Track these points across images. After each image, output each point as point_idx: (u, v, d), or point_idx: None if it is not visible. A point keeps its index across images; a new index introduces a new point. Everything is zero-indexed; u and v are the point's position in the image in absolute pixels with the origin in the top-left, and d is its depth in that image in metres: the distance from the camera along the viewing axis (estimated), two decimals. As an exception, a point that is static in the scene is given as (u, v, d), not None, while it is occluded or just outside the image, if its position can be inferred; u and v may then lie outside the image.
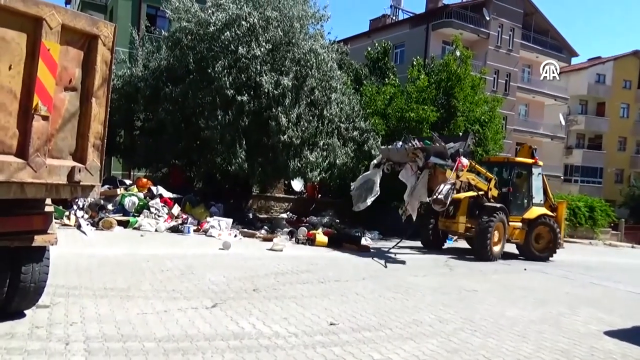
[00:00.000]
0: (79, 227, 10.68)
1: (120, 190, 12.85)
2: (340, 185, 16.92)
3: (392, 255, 11.51)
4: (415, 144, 12.00)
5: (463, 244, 15.15)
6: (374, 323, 5.48)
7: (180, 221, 12.39)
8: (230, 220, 12.77)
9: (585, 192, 35.95)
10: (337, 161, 14.60)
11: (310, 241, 12.24)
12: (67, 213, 11.07)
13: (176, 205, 12.98)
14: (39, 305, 4.74)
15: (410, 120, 16.60)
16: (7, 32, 3.63)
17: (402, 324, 5.57)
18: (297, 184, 18.56)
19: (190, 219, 12.55)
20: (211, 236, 11.59)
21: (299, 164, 14.03)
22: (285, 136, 13.32)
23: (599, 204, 29.66)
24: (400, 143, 12.69)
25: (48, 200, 4.53)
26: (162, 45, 15.74)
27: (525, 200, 13.90)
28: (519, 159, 14.32)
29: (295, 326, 5.07)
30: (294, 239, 12.48)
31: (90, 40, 4.17)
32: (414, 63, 21.08)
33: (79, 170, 4.11)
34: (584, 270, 12.61)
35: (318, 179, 14.73)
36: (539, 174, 14.30)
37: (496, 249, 12.44)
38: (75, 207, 11.43)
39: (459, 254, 13.15)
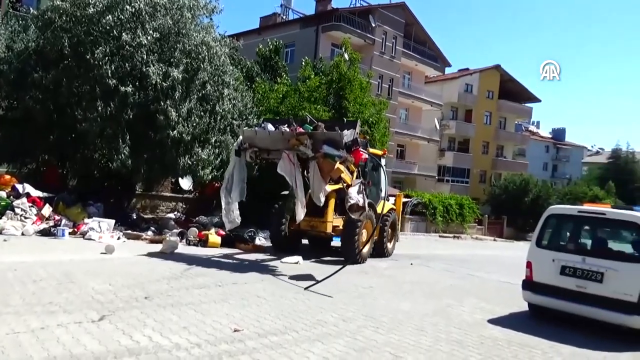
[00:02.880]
0: None
1: (-25, 189, 11.10)
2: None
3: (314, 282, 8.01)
4: (295, 127, 9.80)
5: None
6: (279, 326, 5.33)
7: (52, 223, 11.07)
8: (112, 222, 11.72)
9: (455, 191, 39.57)
10: (230, 159, 14.18)
11: (203, 242, 11.72)
12: None
13: (47, 205, 11.55)
14: None
15: (304, 119, 16.70)
16: None
17: (307, 325, 5.49)
18: (186, 183, 17.68)
19: (64, 220, 11.27)
20: (90, 239, 10.51)
21: (189, 161, 13.37)
22: (175, 132, 12.62)
23: (467, 201, 32.85)
24: (270, 125, 10.48)
25: None
26: (30, 24, 13.94)
27: (377, 194, 12.67)
28: (372, 150, 12.65)
29: (196, 335, 4.71)
30: (184, 240, 11.83)
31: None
32: (304, 63, 21.34)
33: None
34: (460, 263, 13.77)
35: (210, 177, 14.16)
36: (385, 165, 13.49)
37: (365, 249, 11.08)
38: None
39: (316, 254, 11.71)
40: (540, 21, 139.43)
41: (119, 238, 11.04)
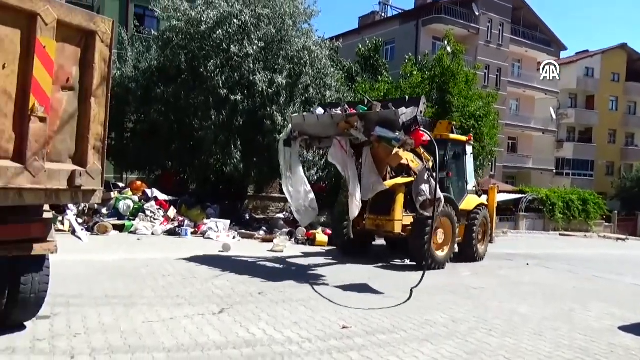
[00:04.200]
0: (73, 232, 10.40)
1: (114, 194, 12.56)
2: (337, 184, 16.78)
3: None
4: (346, 108, 8.51)
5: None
6: (387, 325, 5.32)
7: (176, 224, 12.15)
8: (228, 222, 12.56)
9: (577, 185, 36.23)
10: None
11: (310, 241, 12.06)
12: (60, 218, 10.76)
13: (172, 207, 12.72)
14: (39, 317, 4.50)
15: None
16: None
17: (415, 325, 5.41)
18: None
19: (186, 221, 12.30)
20: (209, 238, 11.36)
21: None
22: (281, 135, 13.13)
23: (591, 196, 29.91)
24: (320, 109, 9.18)
25: (46, 206, 4.32)
26: (152, 45, 15.48)
27: (461, 187, 11.13)
28: (453, 135, 11.20)
29: (307, 331, 4.89)
30: (293, 239, 12.30)
31: (87, 37, 3.95)
32: (406, 59, 21.02)
33: (80, 174, 3.90)
34: (584, 264, 12.57)
35: (315, 177, 14.54)
36: (472, 154, 11.76)
37: (441, 253, 9.54)
38: (69, 211, 11.12)
39: (386, 258, 10.36)
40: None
41: (234, 237, 11.79)
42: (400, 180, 9.93)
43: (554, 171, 41.82)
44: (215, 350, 4.17)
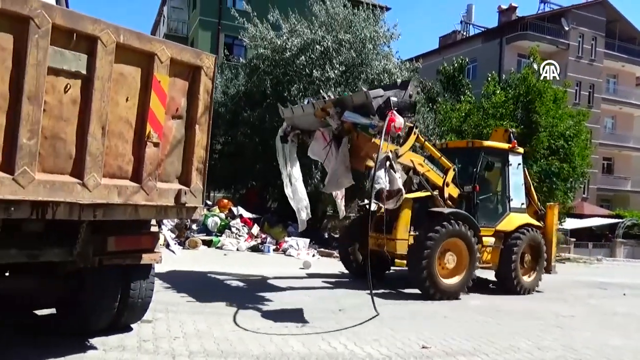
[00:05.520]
0: (167, 246, 11.29)
1: (203, 211, 13.44)
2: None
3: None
4: (329, 96, 8.04)
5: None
6: (468, 347, 5.28)
7: (259, 241, 12.75)
8: (308, 240, 12.97)
9: (686, 210, 32.78)
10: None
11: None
12: (157, 233, 11.72)
13: (255, 225, 13.38)
14: (143, 320, 5.02)
15: (488, 136, 16.07)
16: (124, 68, 3.97)
17: (497, 349, 5.31)
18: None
19: (269, 238, 12.88)
20: (290, 256, 11.81)
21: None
22: (360, 156, 13.39)
23: (703, 223, 27.02)
24: (308, 99, 8.62)
25: (153, 221, 4.85)
26: (240, 71, 16.54)
27: (499, 204, 9.54)
28: (488, 142, 9.68)
29: (387, 348, 4.99)
30: (371, 259, 12.39)
31: (194, 72, 4.46)
32: (489, 78, 20.53)
33: (185, 193, 4.37)
34: (693, 297, 11.41)
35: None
36: (519, 165, 9.74)
37: (450, 282, 7.98)
38: (164, 226, 12.08)
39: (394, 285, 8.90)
40: None
41: (313, 255, 12.15)
42: (409, 195, 8.17)
43: (658, 194, 38.19)
44: (300, 361, 4.42)
